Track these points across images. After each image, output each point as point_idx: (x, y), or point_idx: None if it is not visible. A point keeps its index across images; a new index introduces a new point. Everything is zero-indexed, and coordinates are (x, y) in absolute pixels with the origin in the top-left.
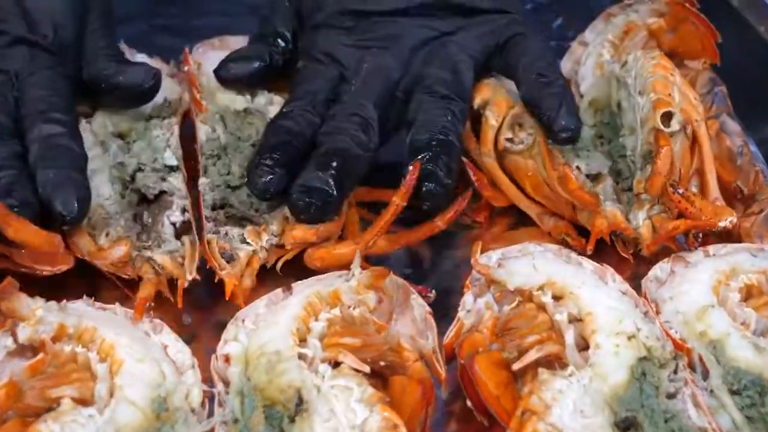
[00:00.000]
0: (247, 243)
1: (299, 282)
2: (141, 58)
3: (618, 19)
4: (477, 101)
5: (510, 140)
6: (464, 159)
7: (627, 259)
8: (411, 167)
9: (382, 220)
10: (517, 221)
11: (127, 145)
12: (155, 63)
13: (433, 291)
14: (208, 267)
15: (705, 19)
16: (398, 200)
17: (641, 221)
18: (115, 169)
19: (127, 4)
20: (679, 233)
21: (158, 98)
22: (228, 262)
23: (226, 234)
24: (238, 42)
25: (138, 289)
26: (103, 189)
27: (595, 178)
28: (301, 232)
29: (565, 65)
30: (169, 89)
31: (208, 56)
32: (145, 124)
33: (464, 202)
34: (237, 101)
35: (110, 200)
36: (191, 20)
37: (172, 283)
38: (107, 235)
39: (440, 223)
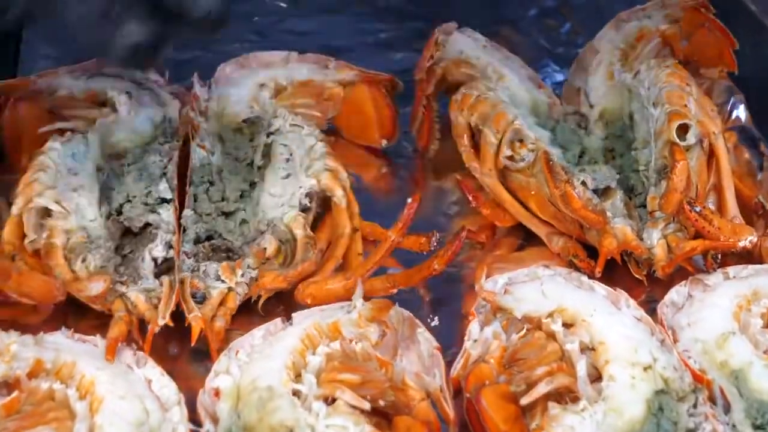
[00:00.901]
0: (222, 280)
1: (300, 312)
2: (133, 72)
3: (630, 25)
4: (474, 117)
5: (510, 158)
6: (458, 177)
7: (640, 280)
8: (409, 200)
9: (376, 255)
10: (524, 242)
11: (122, 168)
12: (150, 75)
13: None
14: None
15: (721, 24)
16: (394, 235)
17: (656, 240)
18: (106, 190)
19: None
20: (696, 254)
21: (157, 115)
22: (201, 302)
23: (204, 271)
24: (269, 59)
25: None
26: (88, 210)
27: (603, 192)
28: (270, 280)
29: (574, 74)
30: (169, 107)
31: (233, 78)
32: (143, 147)
33: (461, 242)
34: (243, 114)
35: (95, 223)
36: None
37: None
38: (83, 260)
39: (437, 265)
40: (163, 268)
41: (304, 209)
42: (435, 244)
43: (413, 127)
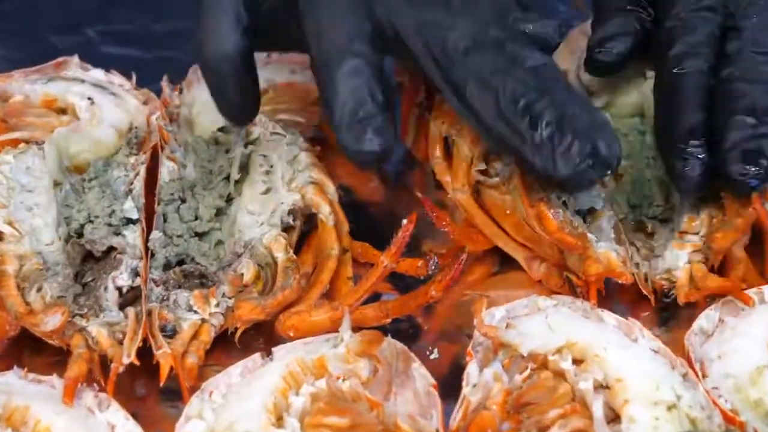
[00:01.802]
0: (194, 311)
1: (281, 346)
2: (95, 73)
3: None
4: (446, 126)
5: (484, 172)
6: (419, 195)
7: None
8: (405, 221)
9: (367, 283)
10: (499, 267)
11: (83, 183)
12: (114, 78)
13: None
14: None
15: None
16: (387, 261)
17: (681, 263)
18: (65, 209)
19: (68, 7)
20: (721, 293)
21: (122, 124)
22: (171, 336)
23: (175, 300)
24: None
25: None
26: (45, 232)
27: (589, 212)
28: (246, 311)
29: (561, 52)
30: (136, 114)
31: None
32: (106, 160)
33: (461, 266)
34: (218, 121)
35: (52, 247)
36: (150, 24)
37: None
38: (39, 290)
39: (434, 292)
40: (129, 297)
41: (287, 228)
42: (433, 268)
43: (407, 141)
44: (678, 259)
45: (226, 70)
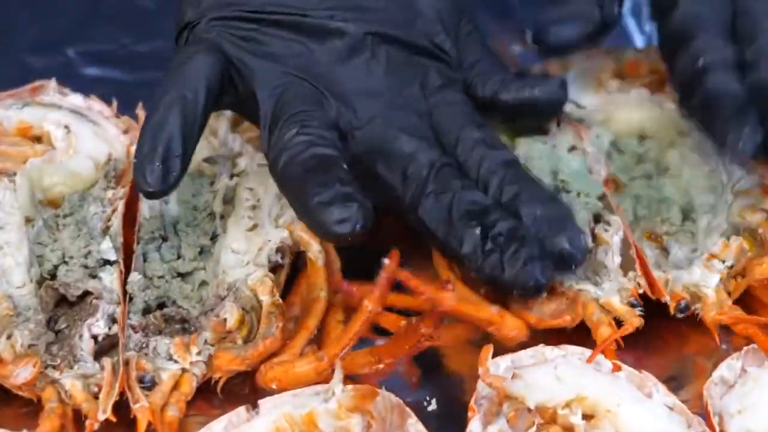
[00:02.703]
0: (174, 360)
1: (268, 399)
2: (74, 98)
3: (625, 53)
4: None
5: None
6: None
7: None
8: (386, 260)
9: (350, 331)
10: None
11: (57, 219)
12: (94, 104)
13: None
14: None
15: None
16: (370, 305)
17: (713, 283)
18: (37, 247)
19: (44, 24)
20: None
21: (100, 154)
22: (150, 387)
23: (154, 348)
24: None
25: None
26: (16, 273)
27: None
28: (225, 362)
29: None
30: (115, 144)
31: None
32: (82, 194)
33: (450, 292)
34: (201, 150)
35: (23, 290)
36: (133, 45)
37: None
38: (8, 338)
39: (425, 328)
40: (105, 345)
41: (275, 267)
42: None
43: None
44: (709, 278)
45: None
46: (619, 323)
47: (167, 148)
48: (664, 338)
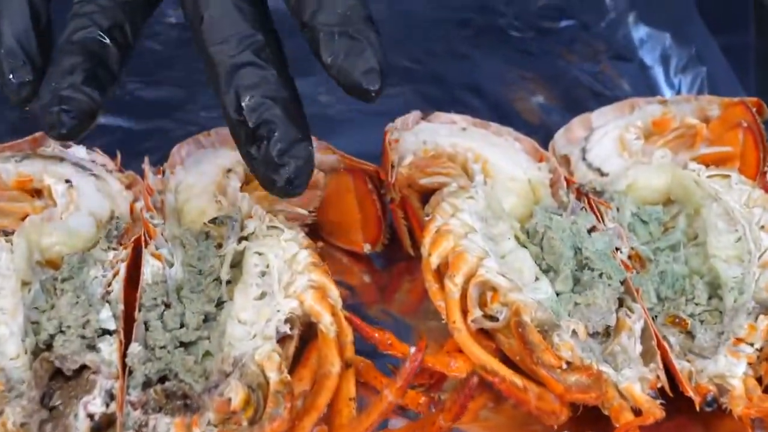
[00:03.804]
0: None
1: None
2: (76, 150)
3: (651, 107)
4: (434, 256)
5: (483, 316)
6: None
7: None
8: (414, 349)
9: (368, 420)
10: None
11: (55, 283)
12: (97, 157)
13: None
14: None
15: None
16: (391, 396)
17: (740, 372)
18: (33, 313)
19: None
20: None
21: (102, 211)
22: None
23: (154, 427)
24: None
25: None
26: (10, 343)
27: (606, 330)
28: None
29: (559, 140)
30: (119, 200)
31: (192, 160)
32: (82, 255)
33: (471, 391)
34: (208, 210)
35: (17, 362)
36: (139, 91)
37: None
38: (0, 414)
39: (444, 421)
40: (102, 421)
41: (283, 338)
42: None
43: (406, 247)
44: (735, 367)
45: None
46: (637, 411)
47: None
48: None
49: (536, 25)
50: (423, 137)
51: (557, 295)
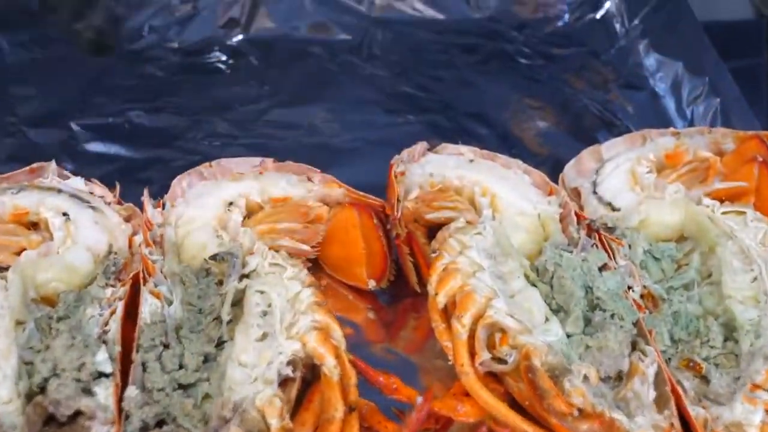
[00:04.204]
0: None
1: None
2: (74, 182)
3: (664, 140)
4: (441, 296)
5: (491, 359)
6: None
7: None
8: (421, 399)
9: None
10: None
11: (50, 322)
12: (95, 188)
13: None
14: None
15: None
16: None
17: (757, 421)
18: (27, 353)
19: (47, 93)
20: None
21: (100, 245)
22: None
23: None
24: (238, 168)
25: None
26: (2, 387)
27: (618, 376)
28: None
29: (569, 173)
30: (117, 234)
31: (194, 192)
32: (78, 293)
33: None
34: (209, 246)
35: (9, 407)
36: (139, 118)
37: None
38: None
39: None
40: None
41: (285, 380)
42: None
43: (411, 283)
44: (752, 415)
45: None
46: None
47: None
48: None
49: (544, 51)
50: (430, 169)
51: (568, 336)
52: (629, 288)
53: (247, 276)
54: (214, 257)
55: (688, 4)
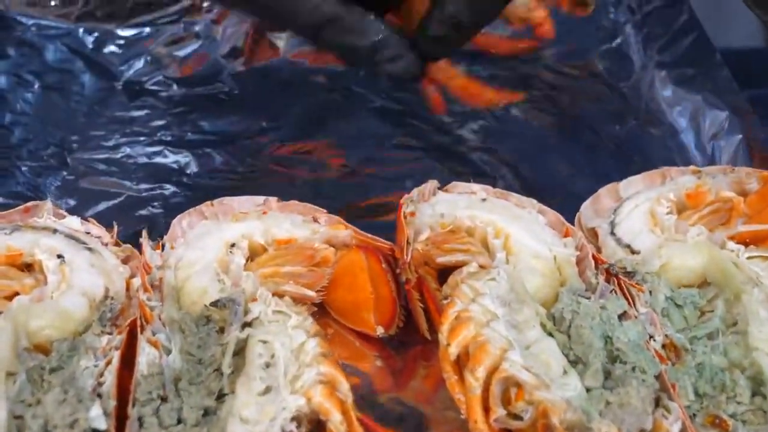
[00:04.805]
0: None
1: None
2: (70, 221)
3: (684, 179)
4: (454, 346)
5: (507, 415)
6: None
7: None
8: None
9: None
10: None
11: (42, 372)
12: (92, 229)
13: None
14: None
15: None
16: None
17: None
18: (17, 406)
19: (45, 124)
20: None
21: (96, 290)
22: None
23: None
24: (240, 207)
25: None
26: None
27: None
28: None
29: (585, 212)
30: (114, 277)
31: (194, 234)
32: (72, 342)
33: None
34: (210, 290)
35: None
36: (138, 153)
37: None
38: None
39: None
40: None
41: None
42: None
43: (422, 330)
44: None
45: None
46: None
47: None
48: None
49: (557, 82)
50: (440, 209)
51: (587, 391)
52: (650, 337)
53: (249, 324)
54: (215, 303)
55: (707, 34)
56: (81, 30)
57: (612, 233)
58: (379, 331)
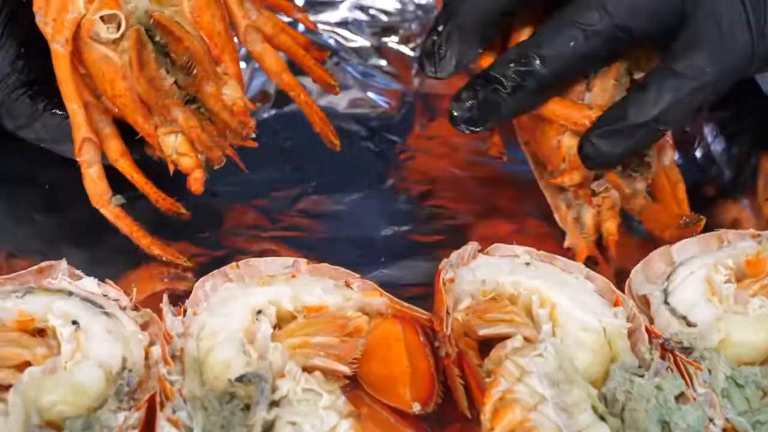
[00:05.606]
0: None
1: None
2: (86, 283)
3: (743, 244)
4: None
5: None
6: None
7: None
8: None
9: None
10: None
11: None
12: (110, 291)
13: None
14: None
15: None
16: None
17: None
18: None
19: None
20: None
21: (113, 360)
22: None
23: None
24: (267, 271)
25: None
26: None
27: None
28: None
29: (636, 278)
30: (132, 345)
31: (218, 298)
32: (87, 420)
33: None
34: (234, 364)
35: None
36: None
37: None
38: None
39: None
40: None
41: None
42: None
43: (461, 408)
44: None
45: None
46: None
47: None
48: None
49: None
50: (481, 275)
51: None
52: (710, 421)
53: (276, 403)
54: (240, 379)
55: (760, 86)
56: None
57: (666, 302)
58: (416, 407)
